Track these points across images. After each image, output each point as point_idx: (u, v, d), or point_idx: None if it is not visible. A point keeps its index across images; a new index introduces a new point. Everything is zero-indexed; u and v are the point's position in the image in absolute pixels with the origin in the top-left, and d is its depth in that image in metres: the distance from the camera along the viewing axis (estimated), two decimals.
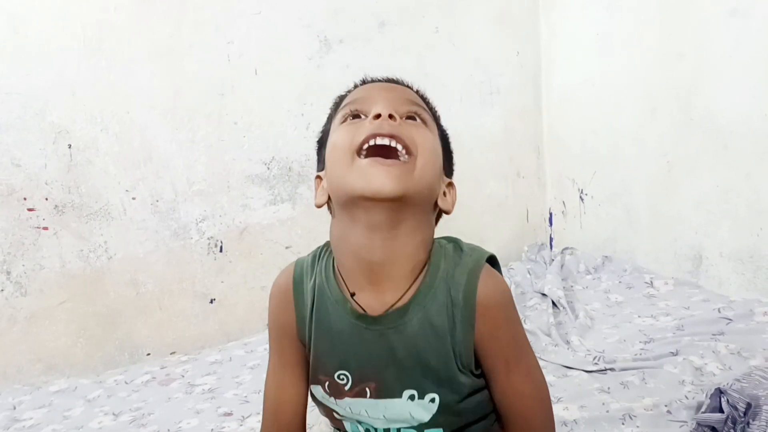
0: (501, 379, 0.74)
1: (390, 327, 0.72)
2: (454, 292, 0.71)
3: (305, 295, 0.78)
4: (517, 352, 0.74)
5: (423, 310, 0.71)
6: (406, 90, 0.77)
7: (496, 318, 0.72)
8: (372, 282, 0.72)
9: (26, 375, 1.62)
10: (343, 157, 0.68)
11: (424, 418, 0.74)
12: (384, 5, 1.99)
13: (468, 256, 0.74)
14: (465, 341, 0.72)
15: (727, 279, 1.72)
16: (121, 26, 1.66)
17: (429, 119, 0.75)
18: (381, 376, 0.74)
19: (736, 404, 1.02)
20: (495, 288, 0.73)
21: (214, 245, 1.83)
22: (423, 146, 0.69)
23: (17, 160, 1.58)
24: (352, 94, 0.76)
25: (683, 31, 1.75)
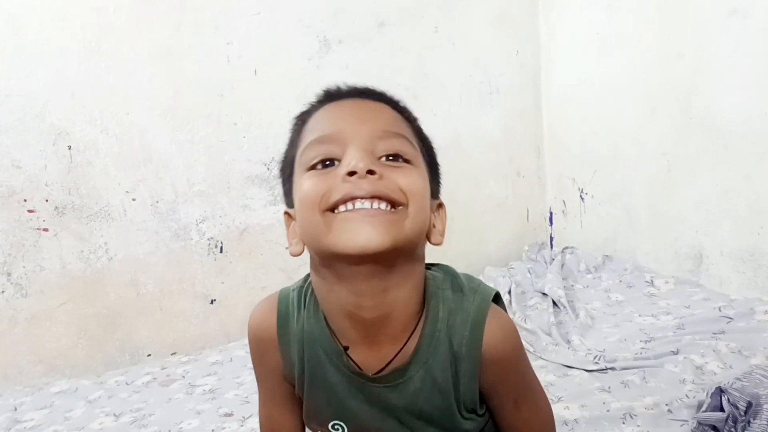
0: (509, 415, 0.72)
1: (389, 386, 0.67)
2: (456, 345, 0.65)
3: (291, 341, 0.69)
4: (525, 390, 0.72)
5: (424, 366, 0.66)
6: (382, 112, 0.64)
7: (503, 366, 0.67)
8: (366, 337, 0.64)
9: (27, 376, 1.62)
10: (314, 216, 0.57)
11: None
12: (383, 5, 1.99)
13: (469, 301, 0.66)
14: (469, 392, 0.68)
15: (728, 278, 1.72)
16: (120, 27, 1.66)
17: (412, 149, 0.62)
18: (380, 428, 0.70)
19: (737, 403, 1.02)
20: (502, 336, 0.66)
21: (214, 246, 1.83)
22: (412, 192, 0.58)
23: (17, 162, 1.58)
24: (318, 122, 0.63)
25: (683, 31, 1.75)
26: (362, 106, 0.64)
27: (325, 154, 0.59)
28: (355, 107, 0.63)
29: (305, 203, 0.59)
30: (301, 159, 0.62)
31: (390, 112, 0.65)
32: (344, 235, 0.55)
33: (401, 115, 0.66)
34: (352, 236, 0.55)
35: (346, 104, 0.64)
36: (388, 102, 0.66)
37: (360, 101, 0.64)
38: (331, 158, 0.59)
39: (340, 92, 0.67)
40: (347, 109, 0.63)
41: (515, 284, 1.92)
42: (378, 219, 0.55)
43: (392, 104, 0.66)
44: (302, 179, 0.60)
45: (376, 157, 0.59)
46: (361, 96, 0.65)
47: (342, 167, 0.57)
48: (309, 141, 0.61)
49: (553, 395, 1.24)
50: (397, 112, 0.66)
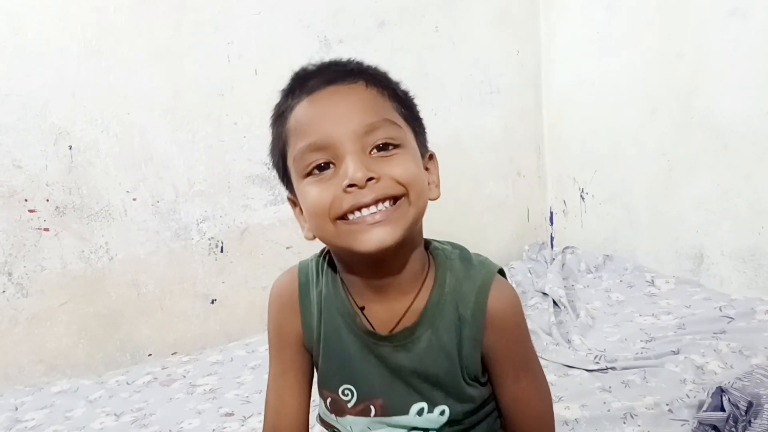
0: (509, 385, 0.73)
1: (398, 345, 0.71)
2: (462, 309, 0.70)
3: (312, 304, 0.75)
4: (525, 360, 0.74)
5: (432, 327, 0.70)
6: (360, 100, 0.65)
7: (505, 330, 0.71)
8: (380, 295, 0.70)
9: (28, 376, 1.62)
10: (322, 223, 0.63)
11: (432, 427, 0.74)
12: (384, 5, 1.99)
13: (476, 270, 0.71)
14: (472, 356, 0.71)
15: (728, 278, 1.72)
16: (120, 27, 1.66)
17: (396, 130, 0.65)
18: (388, 393, 0.73)
19: (738, 403, 1.02)
20: (505, 302, 0.71)
21: (214, 246, 1.83)
22: (408, 180, 0.62)
23: (18, 162, 1.58)
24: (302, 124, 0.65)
25: (683, 31, 1.75)
26: (338, 99, 0.65)
27: (320, 160, 0.63)
28: (332, 103, 0.65)
29: (315, 214, 0.64)
30: (295, 163, 0.65)
31: (365, 94, 0.66)
32: (359, 239, 0.61)
33: (377, 90, 0.67)
34: (366, 240, 0.61)
35: (322, 99, 0.65)
36: (359, 75, 0.67)
37: (334, 90, 0.65)
38: (326, 162, 0.63)
39: (309, 79, 0.67)
40: (325, 106, 0.65)
41: (516, 284, 1.92)
42: (386, 219, 0.61)
43: (365, 76, 0.67)
44: (304, 186, 0.64)
45: (368, 151, 0.63)
46: (333, 82, 0.66)
47: (341, 177, 0.61)
48: (300, 147, 0.64)
49: (554, 395, 1.23)
50: (372, 86, 0.66)
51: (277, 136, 0.70)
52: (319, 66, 0.69)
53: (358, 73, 0.67)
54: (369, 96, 0.66)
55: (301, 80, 0.68)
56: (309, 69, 0.69)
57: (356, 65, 0.69)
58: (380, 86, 0.67)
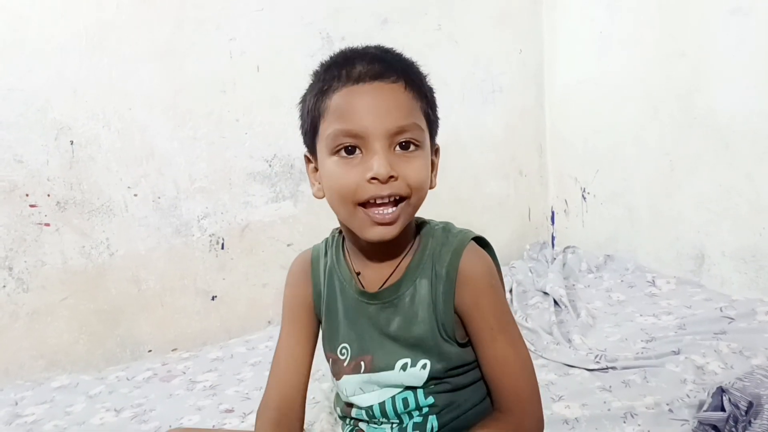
0: (486, 345, 0.78)
1: (386, 301, 0.80)
2: (438, 267, 0.78)
3: (320, 272, 0.87)
4: (500, 321, 0.78)
5: (413, 285, 0.79)
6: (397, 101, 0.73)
7: (476, 287, 0.77)
8: (373, 260, 0.81)
9: (28, 371, 1.62)
10: (343, 203, 0.74)
11: (416, 384, 0.79)
12: (386, 3, 1.99)
13: (454, 236, 0.80)
14: (446, 311, 0.78)
15: (729, 278, 1.72)
16: (122, 24, 1.66)
17: (421, 133, 0.75)
18: (377, 349, 0.80)
19: (738, 403, 1.02)
20: (476, 261, 0.78)
21: (215, 242, 1.83)
22: (416, 186, 0.74)
23: (19, 157, 1.58)
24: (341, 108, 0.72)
25: (684, 31, 1.75)
26: (379, 96, 0.73)
27: (349, 143, 0.72)
28: (373, 99, 0.73)
29: (339, 194, 0.73)
30: (326, 139, 0.74)
31: (404, 96, 0.74)
32: (366, 230, 0.74)
33: (413, 92, 0.75)
34: (371, 233, 0.73)
35: (365, 94, 0.73)
36: (402, 74, 0.75)
37: (377, 87, 0.73)
38: (353, 146, 0.72)
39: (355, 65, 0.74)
40: (366, 101, 0.72)
41: (516, 283, 1.92)
42: (391, 220, 0.73)
43: (405, 77, 0.75)
44: (330, 162, 0.74)
45: (393, 148, 0.73)
46: (378, 78, 0.73)
47: (367, 167, 0.71)
48: (334, 129, 0.72)
49: (554, 394, 1.24)
50: (410, 88, 0.75)
51: (314, 107, 0.76)
52: (367, 54, 0.76)
53: (401, 72, 0.75)
54: (405, 98, 0.74)
55: (348, 63, 0.75)
56: (357, 53, 0.77)
57: (400, 63, 0.77)
58: (416, 89, 0.76)
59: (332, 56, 0.78)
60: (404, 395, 0.79)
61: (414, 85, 0.76)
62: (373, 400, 0.81)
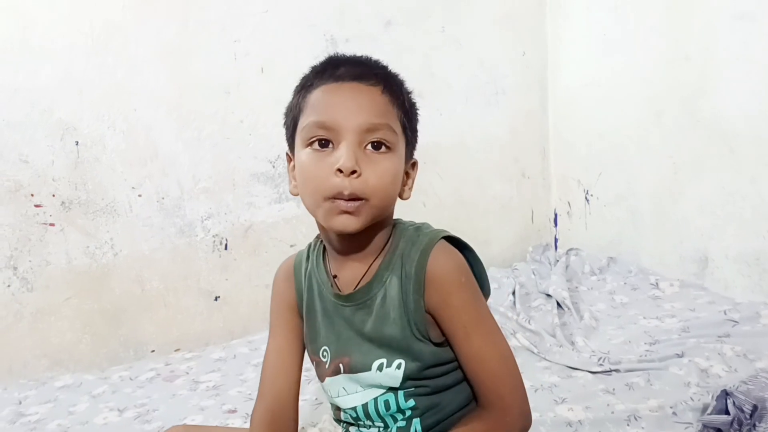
0: (462, 343, 0.77)
1: (359, 303, 0.81)
2: (407, 267, 0.78)
3: (302, 277, 0.89)
4: (474, 318, 0.78)
5: (384, 285, 0.80)
6: (373, 101, 0.76)
7: (445, 286, 0.77)
8: (347, 262, 0.83)
9: (32, 370, 1.63)
10: (313, 196, 0.75)
11: (393, 384, 0.79)
12: (390, 5, 1.99)
13: (425, 235, 0.80)
14: (416, 310, 0.78)
15: (733, 281, 1.72)
16: (128, 25, 1.66)
17: (393, 136, 0.76)
18: (354, 351, 0.81)
19: (742, 406, 1.01)
20: (444, 260, 0.78)
21: (219, 243, 1.83)
22: (378, 190, 0.74)
23: (25, 157, 1.59)
24: (319, 102, 0.76)
25: (689, 34, 1.75)
26: (356, 94, 0.76)
27: (322, 137, 0.75)
28: (350, 96, 0.75)
29: (307, 186, 0.76)
30: (302, 132, 0.77)
31: (379, 98, 0.76)
32: (332, 220, 0.75)
33: (390, 97, 0.77)
34: (336, 223, 0.74)
35: (343, 90, 0.76)
36: (381, 80, 0.78)
37: (355, 86, 0.76)
38: (327, 140, 0.75)
39: (339, 68, 0.78)
40: (343, 96, 0.76)
41: (519, 285, 1.91)
42: (352, 212, 0.74)
43: (384, 82, 0.78)
44: (303, 153, 0.76)
45: (363, 146, 0.74)
46: (358, 79, 0.77)
47: (334, 159, 0.73)
48: (310, 121, 0.75)
49: (557, 396, 1.23)
50: (387, 93, 0.77)
51: (296, 104, 0.80)
52: (351, 59, 0.81)
53: (381, 78, 0.78)
54: (381, 100, 0.77)
55: (333, 65, 0.79)
56: (342, 58, 0.81)
57: (382, 70, 0.80)
58: (393, 95, 0.78)
59: (321, 61, 0.82)
60: (385, 397, 0.80)
61: (392, 91, 0.78)
62: (356, 402, 0.81)
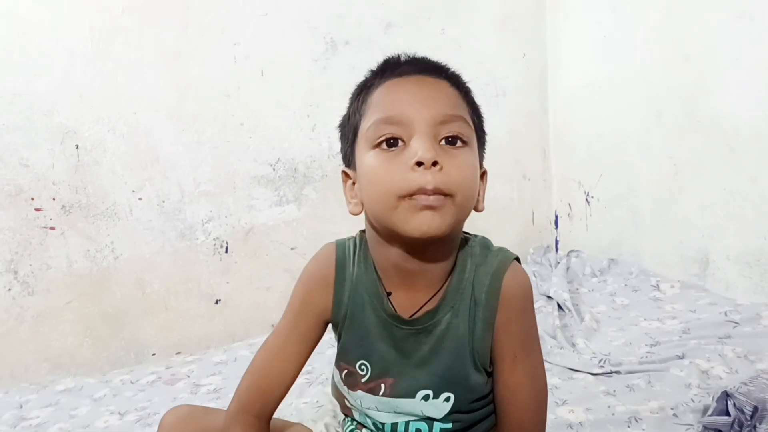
0: (506, 370, 0.74)
1: (420, 328, 0.74)
2: (477, 293, 0.73)
3: (345, 282, 0.78)
4: (526, 347, 0.75)
5: (452, 310, 0.74)
6: (442, 92, 0.70)
7: (512, 310, 0.73)
8: (407, 284, 0.74)
9: (33, 374, 1.63)
10: (385, 198, 0.66)
11: (436, 416, 0.75)
12: (390, 7, 1.99)
13: (494, 256, 0.75)
14: (483, 340, 0.73)
15: (734, 282, 1.72)
16: (128, 29, 1.67)
17: (468, 129, 0.70)
18: (400, 374, 0.75)
19: (743, 407, 1.01)
20: (518, 285, 0.74)
21: (219, 246, 1.83)
22: (461, 185, 0.67)
23: (25, 161, 1.59)
24: (382, 100, 0.69)
25: (689, 34, 1.75)
26: (423, 86, 0.69)
27: (391, 134, 0.66)
28: (417, 88, 0.69)
29: (378, 188, 0.67)
30: (367, 134, 0.69)
31: (448, 90, 0.70)
32: (412, 223, 0.65)
33: (458, 91, 0.72)
34: (418, 225, 0.65)
35: (408, 83, 0.69)
36: (446, 77, 0.72)
37: (420, 79, 0.70)
38: (396, 138, 0.67)
39: (400, 66, 0.72)
40: (409, 89, 0.69)
41: None
42: (439, 207, 0.65)
43: (450, 79, 0.72)
44: (369, 156, 0.68)
45: (438, 140, 0.67)
46: (421, 72, 0.70)
47: (410, 155, 0.65)
48: (375, 119, 0.68)
49: (558, 398, 1.23)
50: (455, 87, 0.71)
51: (355, 110, 0.73)
52: (410, 58, 0.74)
53: (446, 73, 0.72)
54: (451, 93, 0.71)
55: (393, 64, 0.73)
56: (401, 58, 0.74)
57: (445, 67, 0.74)
58: (462, 90, 0.73)
59: (377, 65, 0.76)
60: (419, 425, 0.76)
61: (460, 86, 0.73)
62: (385, 419, 0.77)
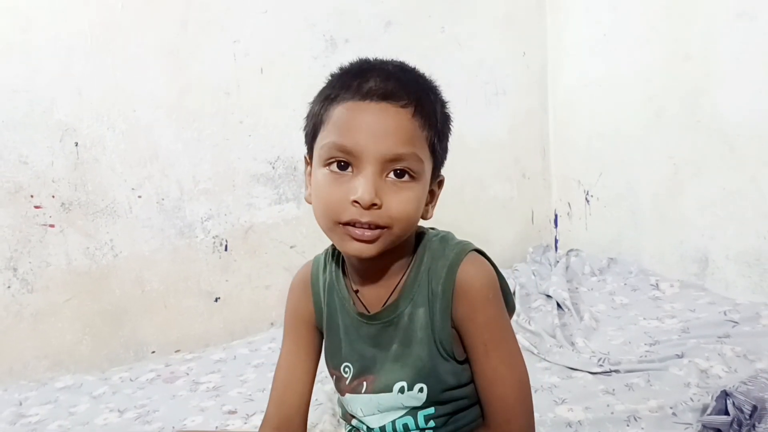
0: (480, 360, 0.75)
1: (385, 321, 0.79)
2: (434, 284, 0.76)
3: (320, 288, 0.85)
4: (496, 335, 0.75)
5: (411, 303, 0.77)
6: (400, 127, 0.70)
7: (472, 300, 0.74)
8: (370, 281, 0.80)
9: (32, 371, 1.63)
10: (325, 219, 0.72)
11: (416, 405, 0.78)
12: (390, 5, 1.99)
13: (451, 249, 0.77)
14: (444, 330, 0.76)
15: (733, 282, 1.72)
16: (127, 25, 1.66)
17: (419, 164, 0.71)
18: (377, 370, 0.79)
19: (742, 407, 1.01)
20: (473, 274, 0.75)
21: (219, 244, 1.83)
22: (399, 219, 0.71)
23: (24, 158, 1.59)
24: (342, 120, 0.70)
25: (690, 33, 1.75)
26: (382, 118, 0.70)
27: (342, 158, 0.71)
28: (375, 119, 0.70)
29: (321, 206, 0.73)
30: (321, 150, 0.72)
31: (408, 123, 0.71)
32: (346, 245, 0.72)
33: (421, 120, 0.72)
34: (350, 248, 0.72)
35: (368, 113, 0.70)
36: (413, 99, 0.71)
37: (382, 108, 0.70)
38: (346, 162, 0.71)
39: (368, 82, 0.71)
40: (367, 121, 0.70)
41: (519, 286, 1.91)
42: (369, 240, 0.71)
43: (416, 102, 0.72)
44: (320, 173, 0.73)
45: (384, 174, 0.70)
46: (387, 98, 0.70)
47: (352, 188, 0.69)
48: (330, 141, 0.71)
49: (557, 397, 1.23)
50: (419, 114, 0.71)
51: (318, 111, 0.75)
52: (383, 69, 0.73)
53: (413, 97, 0.72)
54: (410, 126, 0.71)
55: (362, 75, 0.72)
56: (373, 67, 0.74)
57: (415, 85, 0.74)
58: (425, 117, 0.73)
59: (351, 64, 0.76)
60: (404, 420, 0.78)
61: (424, 112, 0.72)
62: (373, 423, 0.80)
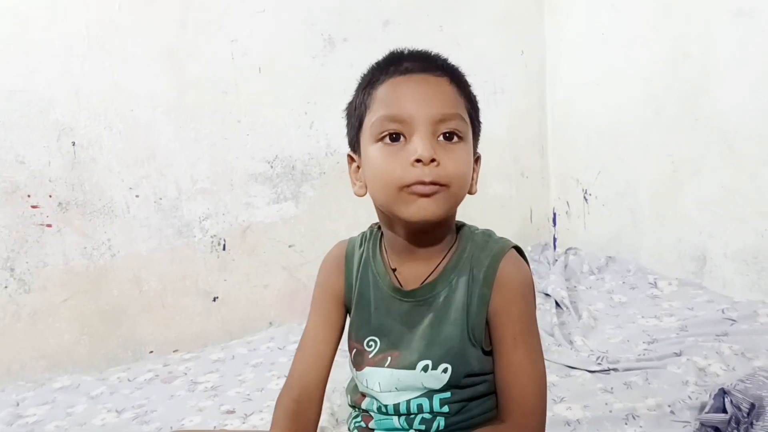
0: (507, 352, 0.78)
1: (420, 299, 0.81)
2: (476, 272, 0.79)
3: (354, 264, 0.88)
4: (525, 330, 0.79)
5: (449, 285, 0.80)
6: (442, 91, 0.77)
7: (510, 294, 0.78)
8: (411, 260, 0.82)
9: (30, 371, 1.62)
10: (387, 188, 0.75)
11: (435, 386, 0.79)
12: (388, 4, 1.99)
13: (495, 242, 0.82)
14: (478, 316, 0.78)
15: (731, 280, 1.72)
16: (125, 25, 1.66)
17: (464, 125, 0.77)
18: (404, 346, 0.81)
19: (740, 405, 1.01)
20: (514, 269, 0.79)
21: (217, 243, 1.83)
22: (456, 176, 0.75)
23: (21, 158, 1.59)
24: (386, 96, 0.76)
25: (689, 32, 1.75)
26: (425, 85, 0.76)
27: (394, 130, 0.74)
28: (419, 87, 0.76)
29: (381, 179, 0.75)
30: (372, 128, 0.76)
31: (448, 88, 0.77)
32: (411, 209, 0.74)
33: (457, 88, 0.78)
34: (416, 211, 0.74)
35: (411, 82, 0.76)
36: (447, 74, 0.78)
37: (423, 78, 0.77)
38: (399, 133, 0.74)
39: (404, 62, 0.78)
40: (412, 88, 0.76)
41: None
42: (434, 201, 0.73)
43: (450, 75, 0.79)
44: (373, 149, 0.76)
45: (436, 136, 0.74)
46: (425, 71, 0.77)
47: (410, 151, 0.73)
48: (379, 115, 0.75)
49: (556, 395, 1.23)
50: (454, 84, 0.78)
51: (360, 102, 0.80)
52: (413, 53, 0.80)
53: (447, 70, 0.79)
54: (450, 90, 0.77)
55: (397, 60, 0.79)
56: (404, 53, 0.80)
57: (445, 62, 0.81)
58: (460, 86, 0.79)
59: (382, 57, 0.81)
60: (420, 401, 0.80)
61: (459, 83, 0.79)
62: (388, 401, 0.81)
